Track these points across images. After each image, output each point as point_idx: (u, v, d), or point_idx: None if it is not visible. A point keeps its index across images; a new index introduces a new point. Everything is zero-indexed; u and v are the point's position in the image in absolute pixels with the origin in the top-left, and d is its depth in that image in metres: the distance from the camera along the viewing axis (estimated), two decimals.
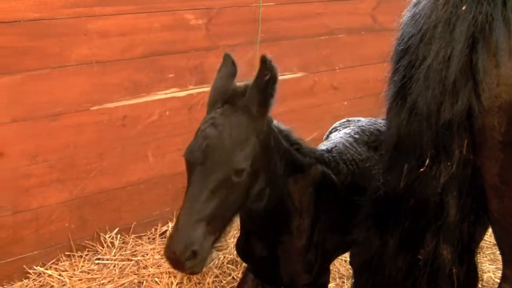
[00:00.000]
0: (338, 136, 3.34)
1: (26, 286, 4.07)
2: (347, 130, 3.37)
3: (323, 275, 3.03)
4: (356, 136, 3.29)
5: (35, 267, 4.17)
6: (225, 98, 2.51)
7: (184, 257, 2.30)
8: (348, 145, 3.21)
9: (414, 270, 2.44)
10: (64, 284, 4.06)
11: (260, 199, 2.63)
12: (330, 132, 3.51)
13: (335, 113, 5.24)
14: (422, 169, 2.32)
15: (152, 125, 4.41)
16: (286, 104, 4.97)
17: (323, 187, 2.91)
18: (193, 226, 2.32)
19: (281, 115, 4.75)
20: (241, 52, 4.62)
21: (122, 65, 4.19)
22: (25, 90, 3.85)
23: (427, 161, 2.29)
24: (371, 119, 3.49)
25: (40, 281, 4.10)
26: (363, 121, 3.46)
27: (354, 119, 3.52)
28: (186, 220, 2.32)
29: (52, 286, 4.06)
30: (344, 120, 3.56)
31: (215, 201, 2.36)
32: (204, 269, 2.47)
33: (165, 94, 4.40)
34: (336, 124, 3.56)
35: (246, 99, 2.47)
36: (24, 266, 4.13)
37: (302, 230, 2.83)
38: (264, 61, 2.43)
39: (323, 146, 3.21)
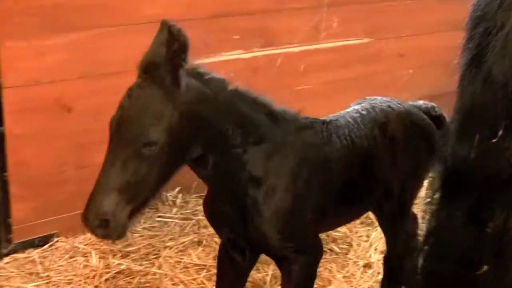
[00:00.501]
0: (346, 111, 3.30)
1: (90, 239, 4.20)
2: (357, 107, 3.32)
3: (307, 244, 2.98)
4: (364, 112, 3.23)
5: None
6: (145, 69, 2.52)
7: (93, 225, 2.39)
8: (350, 120, 3.15)
9: (481, 244, 2.43)
10: (125, 240, 4.18)
11: (203, 166, 2.65)
12: (346, 108, 3.47)
13: (400, 81, 5.32)
14: (494, 140, 2.30)
15: None
16: (351, 70, 5.03)
17: (305, 155, 2.87)
18: (105, 195, 2.38)
19: (346, 81, 4.87)
20: (307, 15, 4.70)
21: (189, 24, 4.20)
22: (93, 47, 3.96)
23: (500, 132, 2.27)
24: (388, 98, 3.45)
25: None
26: (378, 99, 3.40)
27: (371, 97, 3.45)
28: (98, 189, 2.39)
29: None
30: (362, 99, 3.50)
31: (129, 171, 2.40)
32: (125, 236, 2.52)
33: (231, 55, 4.49)
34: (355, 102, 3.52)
35: (161, 70, 2.46)
36: None
37: (271, 196, 2.78)
38: (169, 29, 2.47)
39: (324, 118, 3.14)
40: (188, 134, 2.52)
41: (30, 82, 3.83)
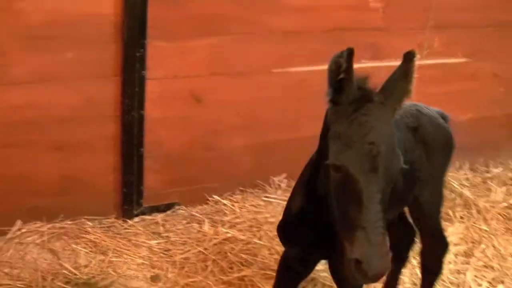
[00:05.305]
0: None
1: (205, 209, 4.74)
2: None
3: None
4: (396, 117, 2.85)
5: (213, 195, 4.82)
6: (362, 97, 2.36)
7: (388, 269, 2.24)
8: None
9: None
10: (234, 213, 4.70)
11: None
12: None
13: (493, 98, 5.57)
14: None
15: (325, 90, 4.93)
16: (449, 86, 5.32)
17: None
18: (384, 238, 2.19)
19: (444, 95, 5.18)
20: (412, 35, 5.07)
21: (306, 36, 4.71)
22: (225, 50, 4.44)
23: None
24: (413, 102, 3.33)
25: (216, 208, 4.77)
26: (406, 104, 3.10)
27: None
28: (381, 236, 2.18)
29: (225, 213, 4.69)
30: None
31: (386, 205, 2.26)
32: None
33: None
34: None
35: (389, 94, 2.39)
36: (205, 194, 4.81)
37: None
38: (413, 60, 2.38)
39: None
40: None
41: (169, 76, 4.32)
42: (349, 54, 2.33)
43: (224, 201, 4.84)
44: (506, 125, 5.72)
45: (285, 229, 3.01)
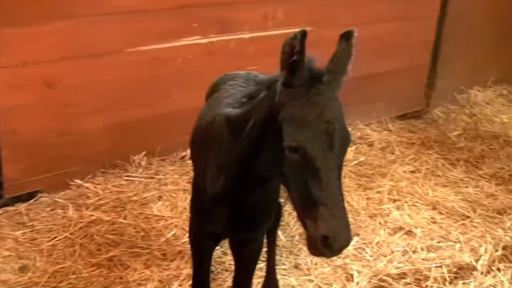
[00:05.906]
0: (226, 88, 3.21)
1: (68, 195, 4.72)
2: (232, 82, 3.25)
3: None
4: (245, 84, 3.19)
5: (75, 180, 4.80)
6: (311, 78, 2.38)
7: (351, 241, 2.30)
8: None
9: None
10: (98, 195, 4.71)
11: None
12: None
13: None
14: None
15: (177, 66, 5.04)
16: None
17: None
18: (345, 212, 2.25)
19: None
20: (257, 7, 5.26)
21: (155, 14, 4.79)
22: (73, 33, 4.47)
23: None
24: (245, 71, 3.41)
25: (79, 192, 4.76)
26: (241, 73, 3.38)
27: (233, 73, 3.42)
28: (343, 210, 2.25)
29: (88, 196, 4.70)
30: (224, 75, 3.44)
31: (341, 180, 2.31)
32: None
33: (189, 40, 5.02)
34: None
35: (335, 73, 2.44)
36: (66, 179, 4.77)
37: None
38: (351, 39, 2.49)
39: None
40: None
41: (19, 63, 4.29)
42: (303, 36, 2.34)
43: (86, 184, 4.85)
44: (354, 88, 5.94)
45: (202, 208, 3.02)
